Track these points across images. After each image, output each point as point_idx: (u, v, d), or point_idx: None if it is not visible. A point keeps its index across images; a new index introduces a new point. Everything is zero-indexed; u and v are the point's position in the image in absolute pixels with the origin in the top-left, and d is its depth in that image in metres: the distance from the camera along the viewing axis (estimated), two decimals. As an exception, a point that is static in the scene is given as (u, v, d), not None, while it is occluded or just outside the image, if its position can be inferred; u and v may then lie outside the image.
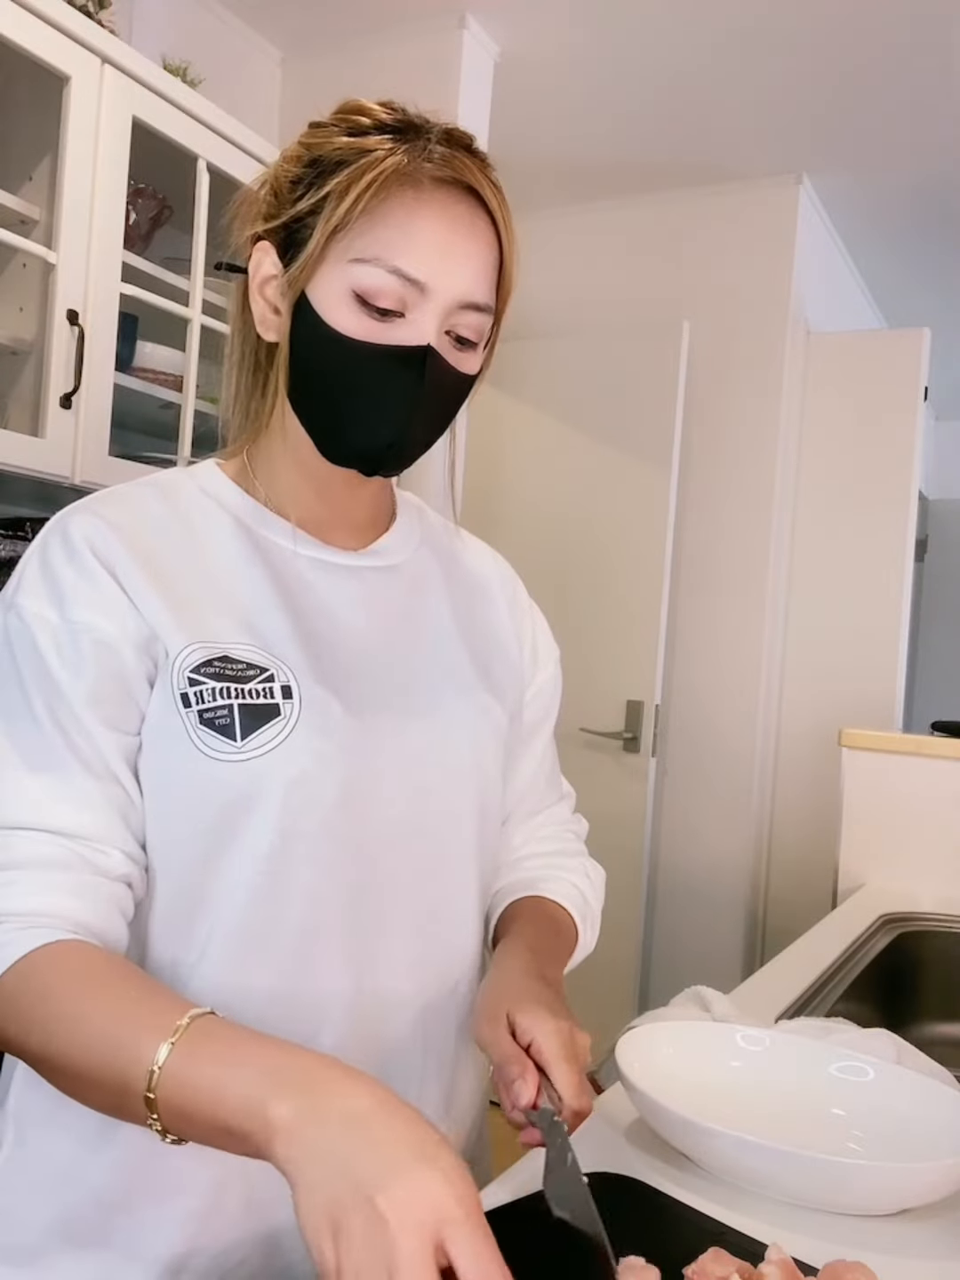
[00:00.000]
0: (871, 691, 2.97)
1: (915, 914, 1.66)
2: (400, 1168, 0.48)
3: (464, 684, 0.82)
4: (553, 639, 0.96)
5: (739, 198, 3.01)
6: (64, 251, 1.58)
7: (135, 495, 0.76)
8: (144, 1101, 0.56)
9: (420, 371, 0.71)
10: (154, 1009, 0.59)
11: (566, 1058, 0.67)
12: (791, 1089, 0.86)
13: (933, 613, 4.76)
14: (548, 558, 3.04)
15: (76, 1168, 0.71)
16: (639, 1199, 0.72)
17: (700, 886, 3.03)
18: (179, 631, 0.70)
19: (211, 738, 0.68)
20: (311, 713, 0.71)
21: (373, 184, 0.68)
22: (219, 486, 0.79)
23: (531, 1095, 0.66)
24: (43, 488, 1.71)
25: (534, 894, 0.87)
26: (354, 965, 0.74)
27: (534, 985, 0.74)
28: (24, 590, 0.70)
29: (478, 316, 0.73)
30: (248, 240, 0.77)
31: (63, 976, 0.61)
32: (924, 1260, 0.69)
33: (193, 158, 1.80)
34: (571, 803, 0.99)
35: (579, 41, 2.38)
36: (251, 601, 0.74)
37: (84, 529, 0.71)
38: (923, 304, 3.73)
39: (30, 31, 1.51)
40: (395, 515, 0.87)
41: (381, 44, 2.39)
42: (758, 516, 2.99)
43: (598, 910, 0.93)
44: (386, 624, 0.80)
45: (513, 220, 0.74)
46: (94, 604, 0.69)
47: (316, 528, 0.79)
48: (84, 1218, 0.71)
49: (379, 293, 0.70)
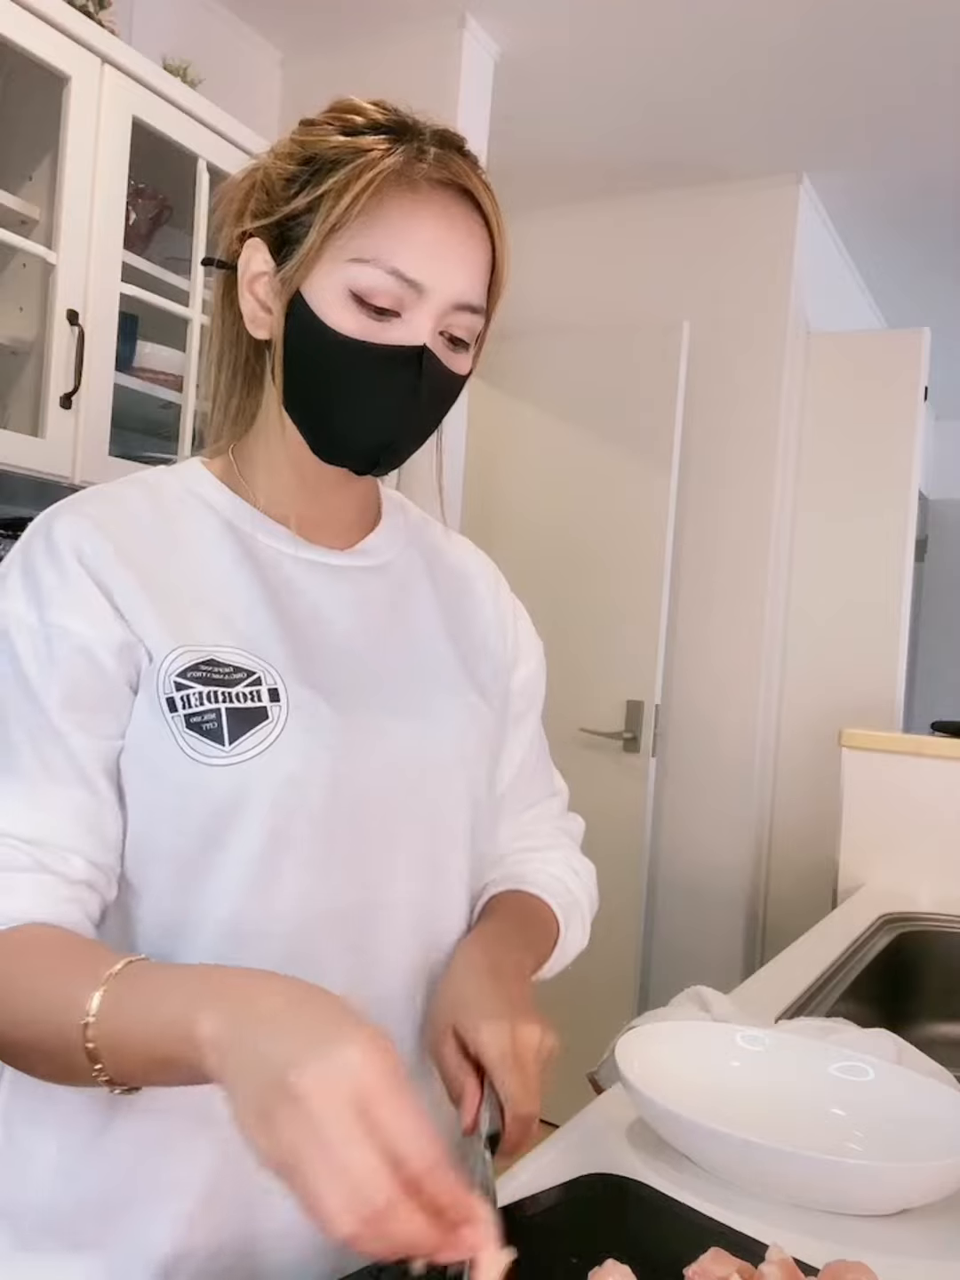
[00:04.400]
0: (871, 691, 2.97)
1: (915, 914, 1.66)
2: (313, 1046, 0.49)
3: (451, 683, 0.82)
4: (536, 634, 0.96)
5: (739, 198, 3.01)
6: (64, 251, 1.58)
7: (121, 495, 0.76)
8: (85, 1054, 0.56)
9: (416, 371, 0.71)
10: (90, 965, 0.60)
11: (507, 1061, 0.65)
12: (791, 1089, 0.86)
13: (933, 613, 4.76)
14: (548, 558, 3.04)
15: (66, 1168, 0.71)
16: (639, 1199, 0.72)
17: (700, 886, 3.03)
18: (164, 635, 0.70)
19: (199, 742, 0.68)
20: (299, 714, 0.71)
21: (371, 184, 0.68)
22: (205, 487, 0.79)
23: (468, 1121, 0.65)
24: (43, 488, 1.71)
25: (510, 888, 0.86)
26: (346, 965, 0.73)
27: (477, 986, 0.72)
28: (5, 592, 0.70)
29: (471, 317, 0.74)
30: (236, 237, 0.76)
31: (6, 953, 0.62)
32: (924, 1260, 0.69)
33: (193, 158, 1.80)
34: (563, 800, 0.98)
35: (579, 41, 2.38)
36: (238, 603, 0.74)
37: (67, 530, 0.71)
38: (923, 304, 3.73)
39: (30, 31, 1.51)
40: (381, 514, 0.87)
41: (381, 44, 2.39)
42: (758, 516, 2.99)
43: (587, 905, 0.91)
44: (374, 624, 0.80)
45: (505, 222, 0.75)
46: (73, 608, 0.69)
47: (305, 527, 0.79)
48: (75, 1218, 0.70)
49: (376, 292, 0.70)
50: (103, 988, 0.57)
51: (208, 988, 0.55)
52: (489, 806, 0.87)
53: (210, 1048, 0.51)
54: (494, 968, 0.74)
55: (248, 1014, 0.52)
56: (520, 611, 0.95)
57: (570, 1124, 0.85)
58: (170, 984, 0.57)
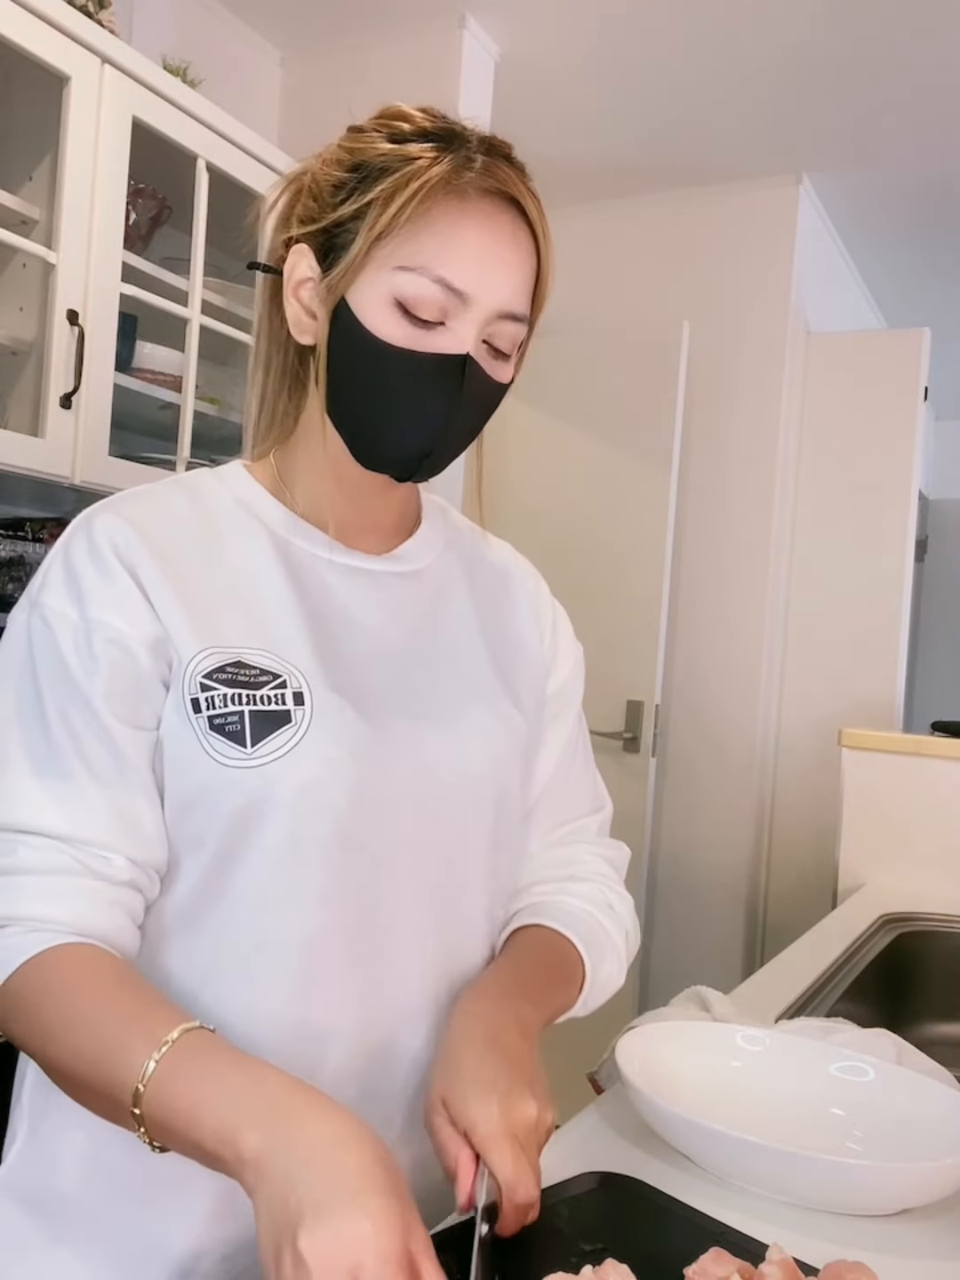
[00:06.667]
0: (871, 691, 2.97)
1: (915, 914, 1.66)
2: (328, 1210, 0.50)
3: (485, 691, 0.81)
4: (575, 639, 0.95)
5: (739, 198, 3.01)
6: (64, 251, 1.58)
7: (161, 496, 0.76)
8: (131, 1116, 0.58)
9: (459, 380, 0.72)
10: (147, 1020, 0.60)
11: (498, 1142, 0.61)
12: (791, 1089, 0.85)
13: (933, 613, 4.76)
14: (547, 557, 3.01)
15: (89, 1165, 0.71)
16: (639, 1199, 0.72)
17: (700, 886, 3.03)
18: (193, 636, 0.70)
19: (221, 743, 0.68)
20: (323, 719, 0.71)
21: (418, 192, 0.68)
22: (246, 490, 0.79)
23: (462, 1200, 0.61)
24: (43, 488, 1.71)
25: (534, 922, 0.82)
26: (363, 973, 0.73)
27: (474, 1054, 0.67)
28: (48, 588, 0.70)
29: (515, 326, 0.74)
30: (281, 242, 0.77)
31: (64, 981, 0.62)
32: (924, 1260, 0.69)
33: (192, 158, 1.80)
34: (605, 818, 0.94)
35: (579, 41, 2.38)
36: (269, 606, 0.74)
37: (107, 528, 0.71)
38: (923, 304, 3.73)
39: (30, 31, 1.51)
40: (420, 519, 0.87)
41: (381, 44, 2.39)
42: (758, 516, 2.99)
43: (623, 944, 0.86)
44: (407, 630, 0.80)
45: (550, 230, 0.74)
46: (112, 604, 0.69)
47: (343, 532, 0.79)
48: (96, 1215, 0.71)
49: (422, 301, 0.70)
50: (157, 1056, 0.58)
51: (260, 1101, 0.56)
52: (519, 816, 0.85)
53: (250, 1168, 0.54)
54: (494, 1031, 0.69)
55: (290, 1141, 0.54)
56: (560, 615, 0.95)
57: (570, 1124, 0.85)
58: (224, 1082, 0.57)
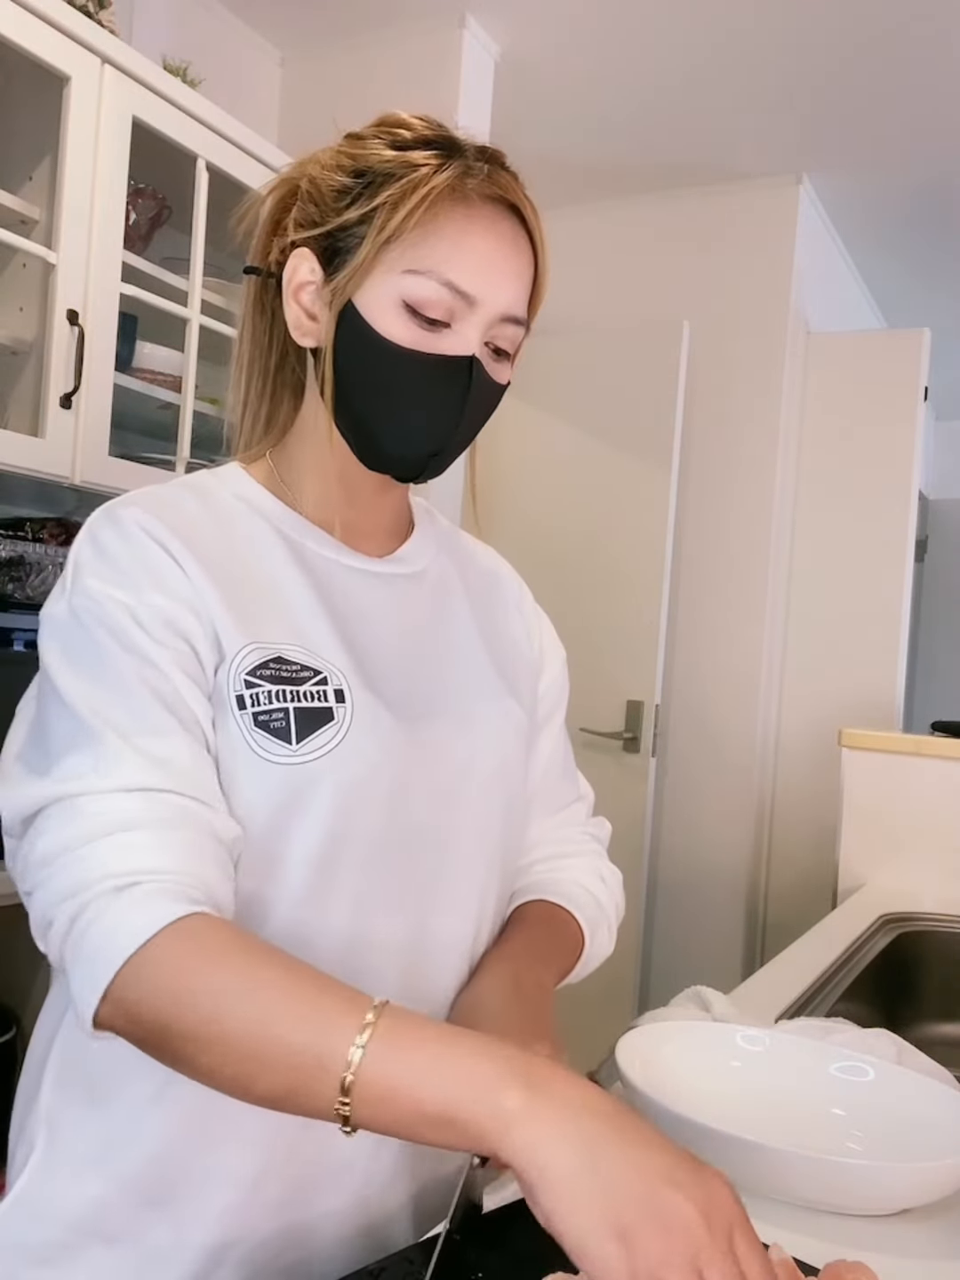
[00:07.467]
0: (871, 692, 2.97)
1: (915, 914, 1.66)
2: (687, 1165, 0.50)
3: (489, 688, 0.83)
4: (558, 639, 0.97)
5: (739, 198, 3.01)
6: (64, 251, 1.58)
7: (173, 496, 0.76)
8: (339, 1086, 0.54)
9: (467, 380, 0.73)
10: (332, 990, 0.58)
11: None
12: (791, 1089, 0.86)
13: (933, 613, 4.76)
14: (547, 558, 3.03)
15: (109, 1164, 0.71)
16: (639, 1199, 0.72)
17: (700, 886, 3.03)
18: (236, 630, 0.70)
19: (266, 740, 0.68)
20: (364, 716, 0.72)
21: (426, 197, 0.70)
22: (251, 491, 0.79)
23: None
24: (43, 488, 1.71)
25: (537, 898, 0.87)
26: (399, 970, 0.74)
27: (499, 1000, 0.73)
28: (84, 573, 0.68)
29: (515, 328, 0.76)
30: (279, 247, 0.77)
31: (224, 945, 0.59)
32: (924, 1260, 0.69)
33: (192, 158, 1.80)
34: (589, 804, 0.99)
35: (579, 41, 2.38)
36: (296, 605, 0.74)
37: (134, 516, 0.71)
38: (923, 304, 3.73)
39: (30, 31, 1.51)
40: (413, 522, 0.88)
41: (381, 43, 2.39)
42: (758, 516, 2.99)
43: (614, 913, 0.91)
44: (415, 630, 0.81)
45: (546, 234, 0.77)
46: (159, 587, 0.68)
47: (347, 534, 0.80)
48: (119, 1213, 0.70)
49: (430, 303, 0.71)
50: (362, 1041, 0.54)
51: (503, 1057, 0.54)
52: (524, 805, 0.88)
53: (524, 1122, 0.51)
54: (516, 984, 0.74)
55: (564, 1100, 0.52)
56: (543, 617, 0.97)
57: (570, 1124, 0.85)
58: (445, 1045, 0.55)
